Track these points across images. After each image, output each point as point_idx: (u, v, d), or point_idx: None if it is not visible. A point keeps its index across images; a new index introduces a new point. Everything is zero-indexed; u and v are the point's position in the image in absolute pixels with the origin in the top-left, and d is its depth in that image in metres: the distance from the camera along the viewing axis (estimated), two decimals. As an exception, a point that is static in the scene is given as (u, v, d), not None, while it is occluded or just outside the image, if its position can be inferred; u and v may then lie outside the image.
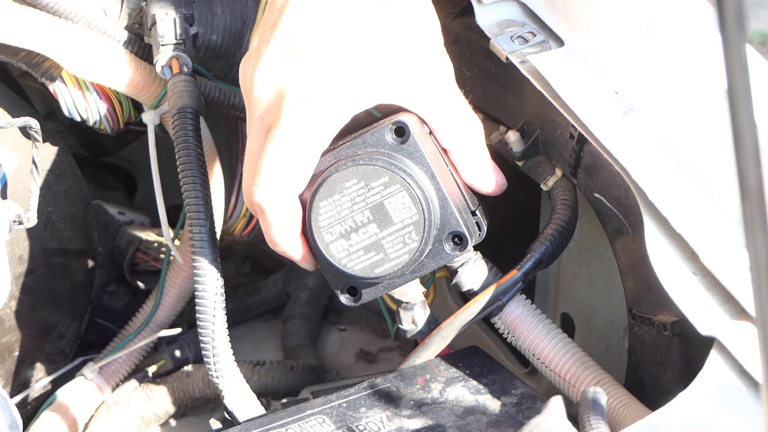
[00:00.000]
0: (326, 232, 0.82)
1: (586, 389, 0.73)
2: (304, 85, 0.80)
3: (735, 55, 0.49)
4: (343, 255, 0.83)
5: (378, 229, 0.82)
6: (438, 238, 0.83)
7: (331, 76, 0.80)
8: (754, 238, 0.51)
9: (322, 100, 0.80)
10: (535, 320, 0.88)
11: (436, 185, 0.82)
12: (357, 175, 0.82)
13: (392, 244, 0.82)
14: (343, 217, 0.82)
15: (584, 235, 0.98)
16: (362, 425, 0.82)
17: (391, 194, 0.82)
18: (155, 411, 1.11)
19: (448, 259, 0.84)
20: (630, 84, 0.86)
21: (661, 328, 0.80)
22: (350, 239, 0.82)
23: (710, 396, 0.71)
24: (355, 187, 0.82)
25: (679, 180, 0.80)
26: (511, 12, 0.94)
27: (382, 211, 0.82)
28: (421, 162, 0.82)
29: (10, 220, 0.94)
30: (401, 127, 0.82)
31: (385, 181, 0.81)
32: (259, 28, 0.85)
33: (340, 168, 0.82)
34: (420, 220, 0.82)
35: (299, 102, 0.80)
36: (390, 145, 0.82)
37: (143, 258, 1.21)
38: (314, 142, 0.81)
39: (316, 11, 0.81)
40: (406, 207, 0.82)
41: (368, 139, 0.82)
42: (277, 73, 0.81)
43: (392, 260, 0.83)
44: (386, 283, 0.85)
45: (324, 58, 0.80)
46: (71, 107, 1.03)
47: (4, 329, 1.05)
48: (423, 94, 0.83)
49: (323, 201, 0.82)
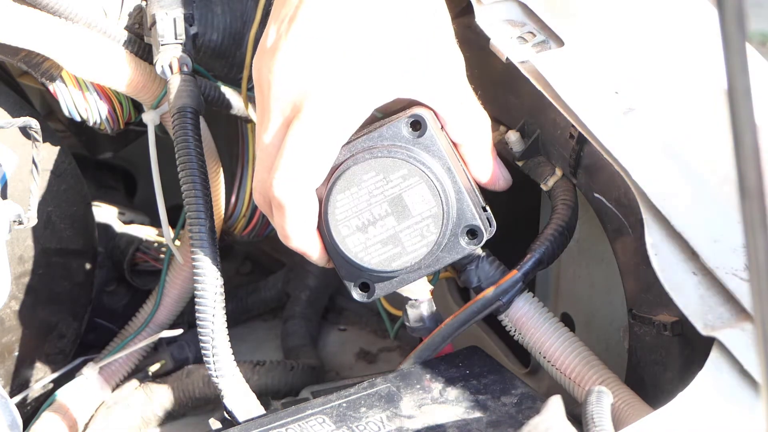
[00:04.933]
0: (343, 226, 0.82)
1: (591, 388, 0.74)
2: (327, 79, 0.80)
3: (735, 55, 0.49)
4: (359, 248, 0.82)
5: (396, 222, 0.82)
6: (454, 231, 0.83)
7: (353, 70, 0.80)
8: (754, 238, 0.51)
9: (345, 93, 0.80)
10: (542, 318, 0.88)
11: (452, 178, 0.82)
12: (375, 168, 0.81)
13: (410, 237, 0.82)
14: (361, 210, 0.82)
15: (584, 235, 0.98)
16: (362, 425, 0.82)
17: (410, 186, 0.82)
18: (155, 411, 1.11)
19: (463, 253, 0.84)
20: (630, 84, 0.86)
21: (661, 328, 0.80)
22: (367, 232, 0.82)
23: (710, 396, 0.71)
24: (374, 180, 0.82)
25: (679, 180, 0.80)
26: (511, 12, 0.94)
27: (401, 204, 0.82)
28: (438, 155, 0.82)
29: (10, 220, 0.94)
30: (417, 120, 0.82)
31: (404, 173, 0.81)
32: (274, 22, 0.84)
33: (359, 161, 0.81)
34: (439, 212, 0.82)
35: (323, 95, 0.80)
36: (406, 138, 0.82)
37: (143, 258, 1.20)
38: (337, 135, 0.81)
39: (333, 5, 0.81)
40: (424, 199, 0.82)
41: (384, 132, 0.82)
42: (299, 68, 0.81)
43: (410, 253, 0.82)
44: (401, 278, 0.85)
45: (345, 52, 0.80)
46: (71, 107, 1.02)
47: (4, 329, 1.05)
48: (437, 87, 0.83)
49: (341, 194, 0.82)
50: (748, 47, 0.49)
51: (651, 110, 0.84)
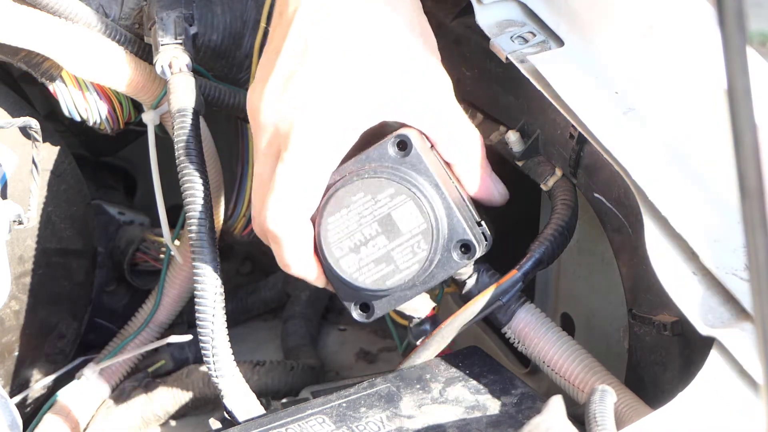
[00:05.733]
0: (336, 248, 0.83)
1: (595, 387, 0.74)
2: (312, 108, 0.81)
3: (735, 55, 0.49)
4: (354, 269, 0.83)
5: (387, 240, 0.83)
6: (446, 247, 0.83)
7: (338, 97, 0.81)
8: (754, 238, 0.51)
9: (330, 120, 0.81)
10: (544, 328, 0.88)
11: (440, 194, 0.83)
12: (363, 189, 0.82)
13: (402, 255, 0.83)
14: (352, 231, 0.83)
15: (584, 235, 0.98)
16: (362, 425, 0.82)
17: (397, 205, 0.82)
18: (155, 411, 1.10)
19: (457, 267, 0.84)
20: (630, 84, 0.86)
21: (661, 328, 0.80)
22: (360, 253, 0.83)
23: (710, 396, 0.71)
24: (362, 201, 0.82)
25: (679, 180, 0.80)
26: (511, 12, 0.94)
27: (390, 223, 0.83)
28: (425, 173, 0.83)
29: (10, 220, 0.94)
30: (403, 140, 0.83)
31: (391, 192, 0.82)
32: (265, 54, 0.86)
33: (346, 183, 0.83)
34: (428, 228, 0.82)
35: (308, 124, 0.81)
36: (393, 158, 0.83)
37: (143, 258, 1.20)
38: (325, 163, 0.82)
39: (317, 35, 0.82)
40: (413, 216, 0.82)
41: (371, 154, 0.83)
42: (284, 98, 0.82)
43: (403, 271, 0.83)
44: (398, 296, 0.85)
45: (329, 80, 0.81)
46: (71, 107, 1.02)
47: (4, 329, 1.05)
48: (424, 110, 0.84)
49: (331, 217, 0.83)
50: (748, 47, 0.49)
51: (651, 110, 0.84)
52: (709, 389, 0.71)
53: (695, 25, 0.85)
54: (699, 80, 0.83)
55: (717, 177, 0.80)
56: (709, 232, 0.77)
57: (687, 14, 0.86)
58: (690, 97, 0.83)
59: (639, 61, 0.86)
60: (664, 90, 0.85)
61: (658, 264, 0.76)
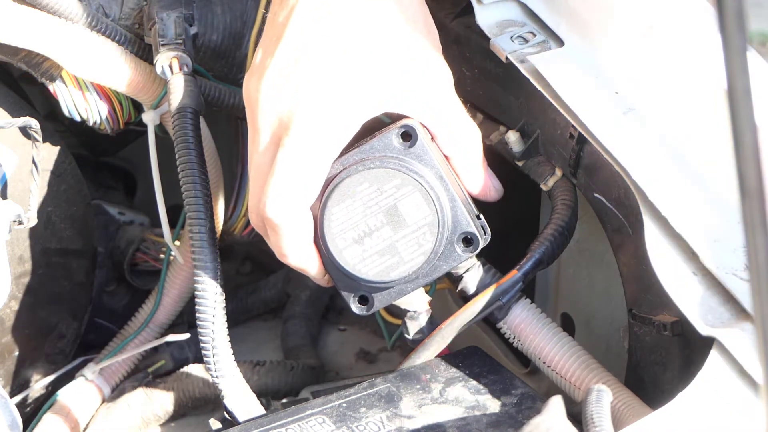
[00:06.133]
0: (339, 239, 0.82)
1: (591, 387, 0.74)
2: (313, 96, 0.80)
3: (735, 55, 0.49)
4: (357, 260, 0.83)
5: (392, 232, 0.82)
6: (450, 239, 0.83)
7: (340, 85, 0.80)
8: (754, 238, 0.51)
9: (332, 109, 0.80)
10: (540, 324, 0.88)
11: (445, 187, 0.83)
12: (369, 179, 0.82)
13: (407, 246, 0.82)
14: (356, 222, 0.82)
15: (584, 235, 0.98)
16: (362, 425, 0.82)
17: (404, 196, 0.82)
18: (155, 411, 1.11)
19: (459, 260, 0.84)
20: (630, 84, 0.86)
21: (661, 328, 0.80)
22: (363, 244, 0.82)
23: (710, 396, 0.71)
24: (368, 191, 0.82)
25: (679, 180, 0.80)
26: (511, 12, 0.94)
27: (396, 214, 0.82)
28: (430, 164, 0.82)
29: (10, 220, 0.94)
30: (408, 131, 0.82)
31: (398, 183, 0.82)
32: (262, 43, 0.85)
33: (352, 173, 0.82)
34: (434, 220, 0.82)
35: (310, 112, 0.80)
36: (398, 149, 0.82)
37: (143, 258, 1.20)
38: (326, 151, 0.81)
39: (319, 23, 0.82)
40: (419, 208, 0.82)
41: (376, 144, 0.83)
42: (286, 85, 0.81)
43: (407, 262, 0.83)
44: (398, 288, 0.85)
45: (331, 69, 0.81)
46: (71, 107, 1.02)
47: (4, 329, 1.05)
48: (426, 101, 0.84)
49: (335, 207, 0.82)
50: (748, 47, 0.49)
51: (651, 110, 0.84)
52: (709, 389, 0.71)
53: (695, 25, 0.85)
54: (699, 80, 0.83)
55: (717, 177, 0.80)
56: (709, 232, 0.77)
57: (687, 14, 0.86)
58: (690, 97, 0.83)
59: (639, 61, 0.86)
60: (664, 90, 0.85)
61: (658, 264, 0.76)
